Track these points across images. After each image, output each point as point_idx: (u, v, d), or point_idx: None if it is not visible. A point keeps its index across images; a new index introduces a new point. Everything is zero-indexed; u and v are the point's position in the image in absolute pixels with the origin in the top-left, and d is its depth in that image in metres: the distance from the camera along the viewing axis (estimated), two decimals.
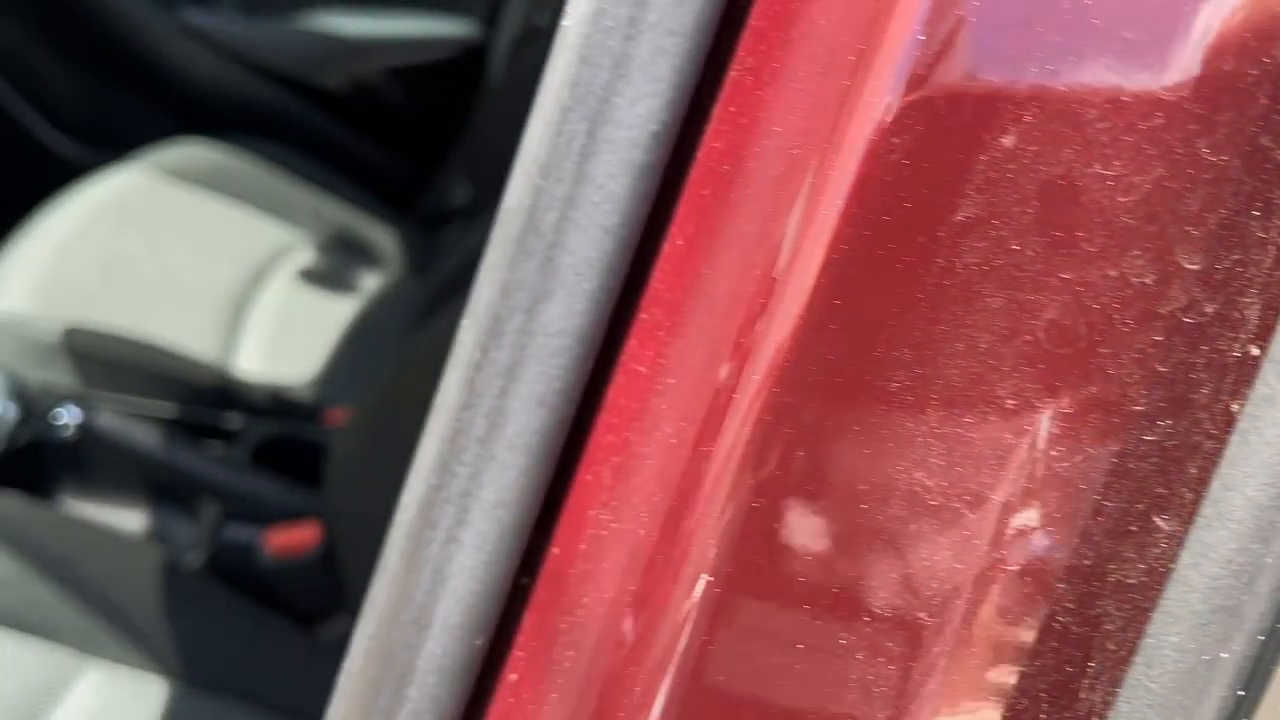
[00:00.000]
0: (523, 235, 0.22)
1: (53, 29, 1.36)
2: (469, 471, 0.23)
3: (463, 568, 0.23)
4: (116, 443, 0.84)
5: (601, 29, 0.21)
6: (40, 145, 1.37)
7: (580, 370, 0.23)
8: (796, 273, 0.20)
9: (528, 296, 0.22)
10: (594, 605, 0.21)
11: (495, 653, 0.23)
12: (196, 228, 1.22)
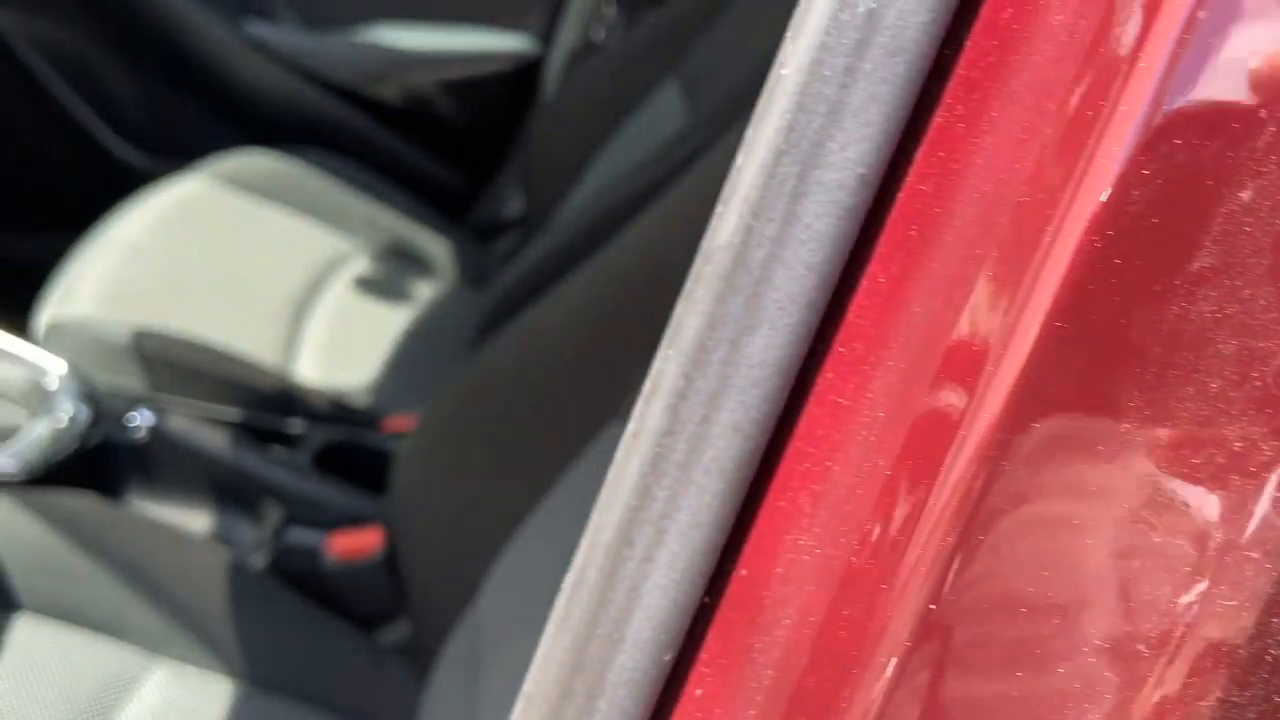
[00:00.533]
0: (731, 271, 0.23)
1: (122, 43, 1.38)
2: (667, 495, 0.24)
3: (657, 586, 0.23)
4: (185, 446, 0.85)
5: (819, 78, 0.22)
6: (109, 155, 1.39)
7: (777, 400, 0.24)
8: (1020, 314, 0.20)
9: (733, 329, 0.23)
10: (798, 628, 0.21)
11: (678, 668, 0.24)
12: (257, 236, 1.23)
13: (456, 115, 1.47)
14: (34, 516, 0.78)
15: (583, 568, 0.24)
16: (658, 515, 0.24)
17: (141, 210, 1.19)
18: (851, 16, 0.22)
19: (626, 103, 1.19)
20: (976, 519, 0.20)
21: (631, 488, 0.24)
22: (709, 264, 0.24)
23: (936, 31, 0.22)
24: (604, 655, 0.24)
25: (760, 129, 0.24)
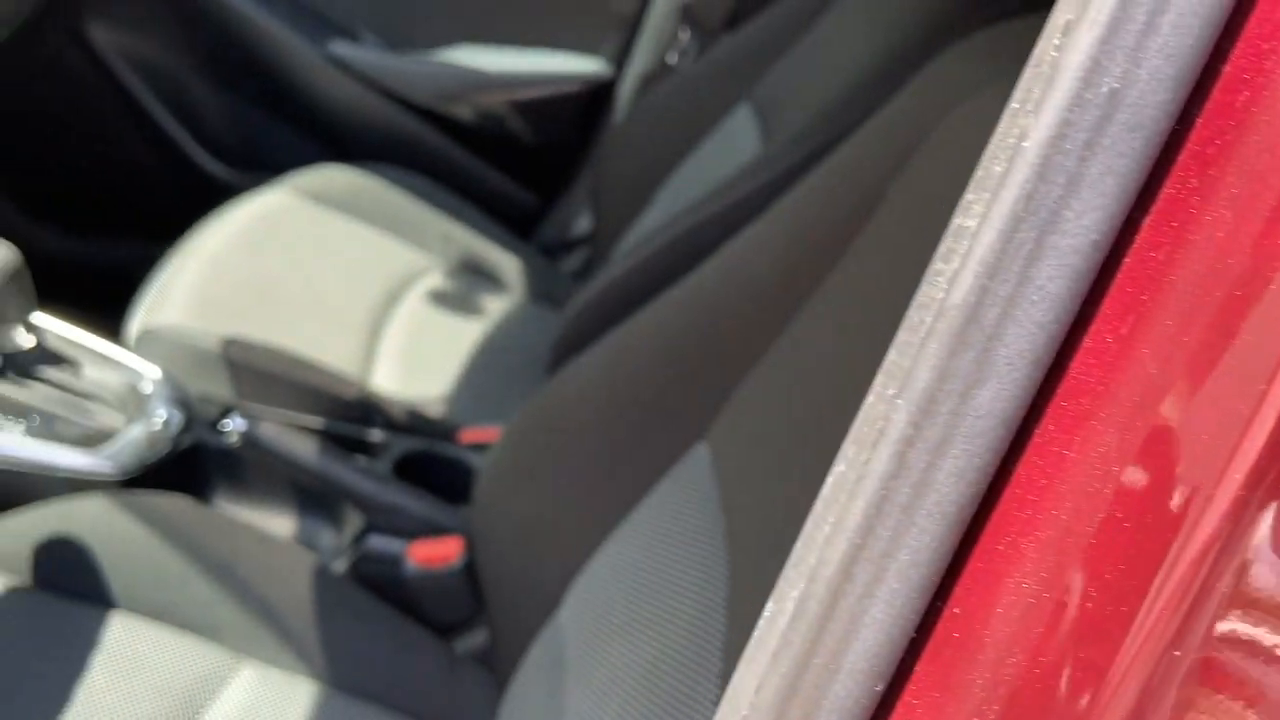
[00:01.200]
0: (964, 328, 0.25)
1: (211, 61, 1.42)
2: (890, 535, 0.25)
3: (874, 620, 0.24)
4: (274, 451, 0.87)
5: (1060, 150, 0.24)
6: (197, 168, 1.42)
7: (999, 450, 0.25)
8: (1266, 387, 0.20)
9: (963, 382, 0.25)
10: (1026, 666, 0.22)
11: (887, 697, 0.25)
12: (337, 249, 1.25)
13: (527, 134, 1.49)
14: (131, 517, 0.80)
15: (802, 599, 0.25)
16: (879, 554, 0.25)
17: (227, 222, 1.22)
18: (1094, 95, 0.23)
19: (698, 126, 1.19)
20: (1213, 564, 0.20)
21: (855, 527, 0.25)
22: (942, 320, 0.25)
23: (1174, 110, 0.23)
24: (820, 683, 0.25)
25: (999, 197, 0.25)
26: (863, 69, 0.85)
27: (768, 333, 0.59)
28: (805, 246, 0.58)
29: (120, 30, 1.38)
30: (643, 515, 0.65)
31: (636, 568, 0.62)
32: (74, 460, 0.86)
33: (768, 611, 0.26)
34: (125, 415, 0.91)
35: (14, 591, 0.75)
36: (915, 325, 0.26)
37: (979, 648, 0.23)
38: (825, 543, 0.25)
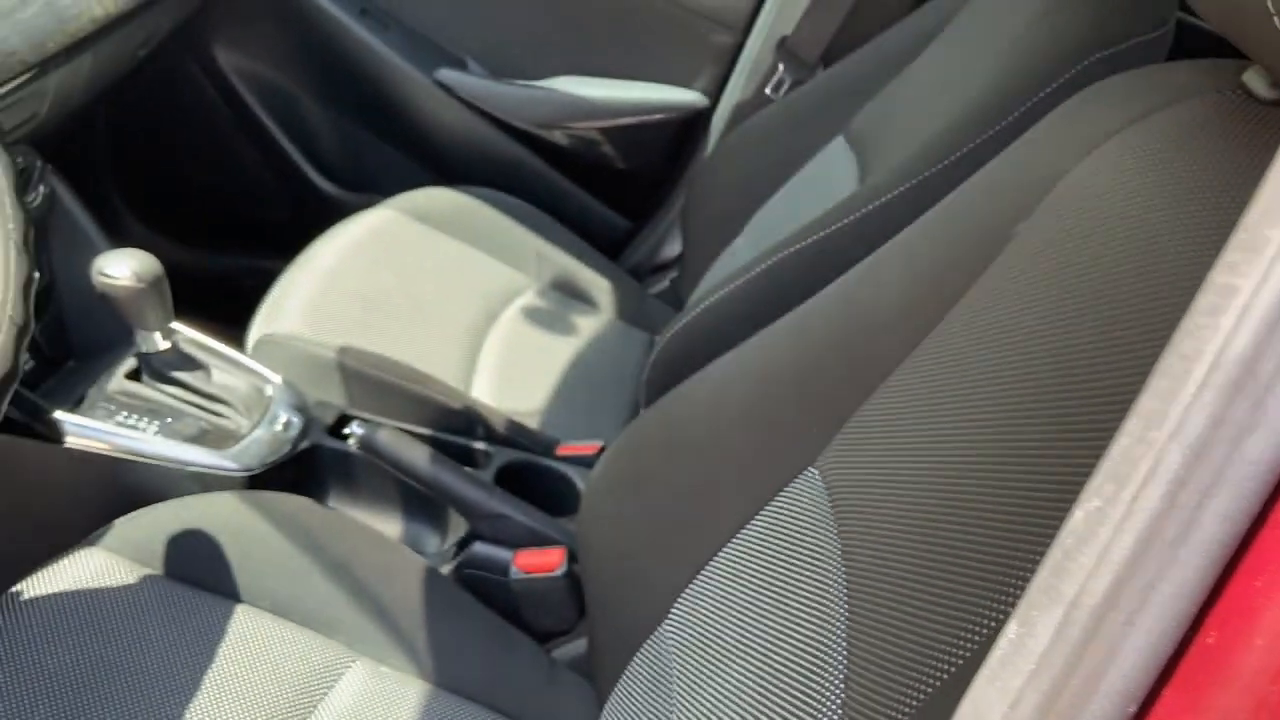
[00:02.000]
0: (1241, 380, 0.26)
1: (326, 86, 1.47)
2: (1156, 568, 0.26)
3: (1134, 647, 0.25)
4: (390, 457, 0.89)
5: None
6: (311, 186, 1.48)
7: (1264, 493, 0.26)
8: None
9: (1236, 429, 0.26)
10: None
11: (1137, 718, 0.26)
12: (439, 266, 1.28)
13: (619, 159, 1.52)
14: (258, 515, 0.83)
15: (1061, 625, 0.26)
16: (1144, 585, 0.26)
17: (338, 238, 1.26)
18: None
19: (792, 158, 1.20)
20: None
21: (1122, 560, 0.26)
22: (1218, 372, 0.27)
23: None
24: (1076, 702, 0.26)
25: (1276, 267, 0.26)
26: (971, 106, 0.86)
27: (884, 365, 0.60)
28: (926, 283, 0.59)
29: (243, 53, 1.44)
30: (751, 536, 0.66)
31: (747, 587, 0.63)
32: (204, 458, 0.90)
33: (1011, 634, 0.27)
34: (249, 418, 0.95)
35: (149, 580, 0.79)
36: (1180, 374, 0.27)
37: (1235, 676, 0.24)
38: (1089, 574, 0.26)
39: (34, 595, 0.75)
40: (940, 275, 0.58)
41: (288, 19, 1.41)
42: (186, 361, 0.94)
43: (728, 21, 1.35)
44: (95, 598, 0.76)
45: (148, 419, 0.91)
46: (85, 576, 0.77)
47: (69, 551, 0.79)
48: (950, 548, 0.47)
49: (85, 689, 0.70)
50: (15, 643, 0.72)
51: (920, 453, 0.52)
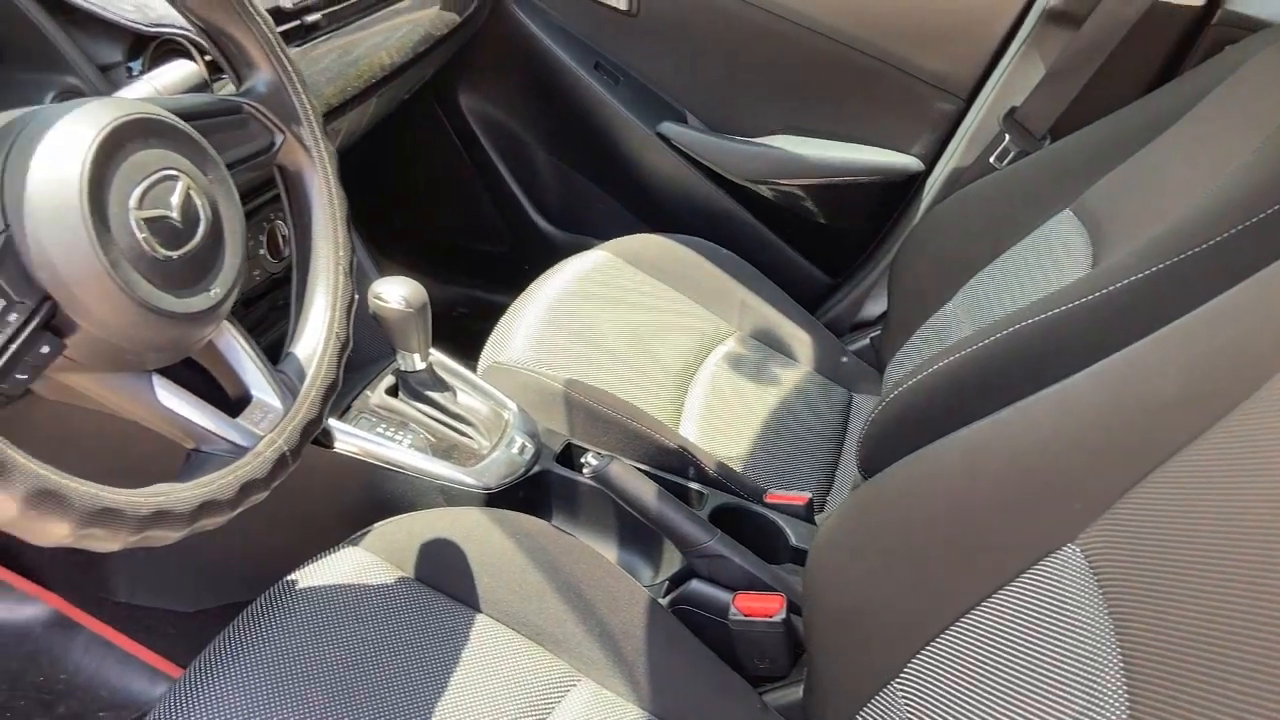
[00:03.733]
0: None
1: (552, 132, 1.56)
2: None
3: None
4: (620, 489, 0.93)
5: None
6: (533, 226, 1.56)
7: None
8: None
9: None
10: None
11: None
12: (651, 308, 1.33)
13: (825, 216, 1.54)
14: (501, 531, 0.88)
15: None
16: None
17: (560, 276, 1.33)
18: None
19: (1013, 227, 1.20)
20: None
21: None
22: None
23: None
24: None
25: None
26: (1229, 191, 0.84)
27: (1162, 449, 0.59)
28: (1213, 371, 0.58)
29: (482, 97, 1.54)
30: (1001, 605, 0.66)
31: (997, 654, 0.63)
32: (450, 472, 0.97)
33: None
34: (489, 439, 1.01)
35: (402, 581, 0.84)
36: None
37: None
38: None
39: (306, 585, 0.82)
40: (1230, 366, 0.58)
41: (527, 69, 1.50)
42: (438, 382, 1.01)
43: (953, 89, 1.35)
44: (355, 593, 0.82)
45: (402, 432, 0.98)
46: (348, 572, 0.84)
47: (336, 548, 0.86)
48: (1255, 637, 0.47)
49: (343, 674, 0.76)
50: (287, 629, 0.79)
51: (1217, 543, 0.52)
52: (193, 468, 0.61)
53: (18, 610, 1.04)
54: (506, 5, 1.45)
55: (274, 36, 0.68)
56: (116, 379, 0.58)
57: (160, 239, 0.56)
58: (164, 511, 0.55)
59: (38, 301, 0.52)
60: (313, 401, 0.67)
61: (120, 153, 0.55)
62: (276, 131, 0.69)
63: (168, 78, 0.70)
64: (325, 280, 0.71)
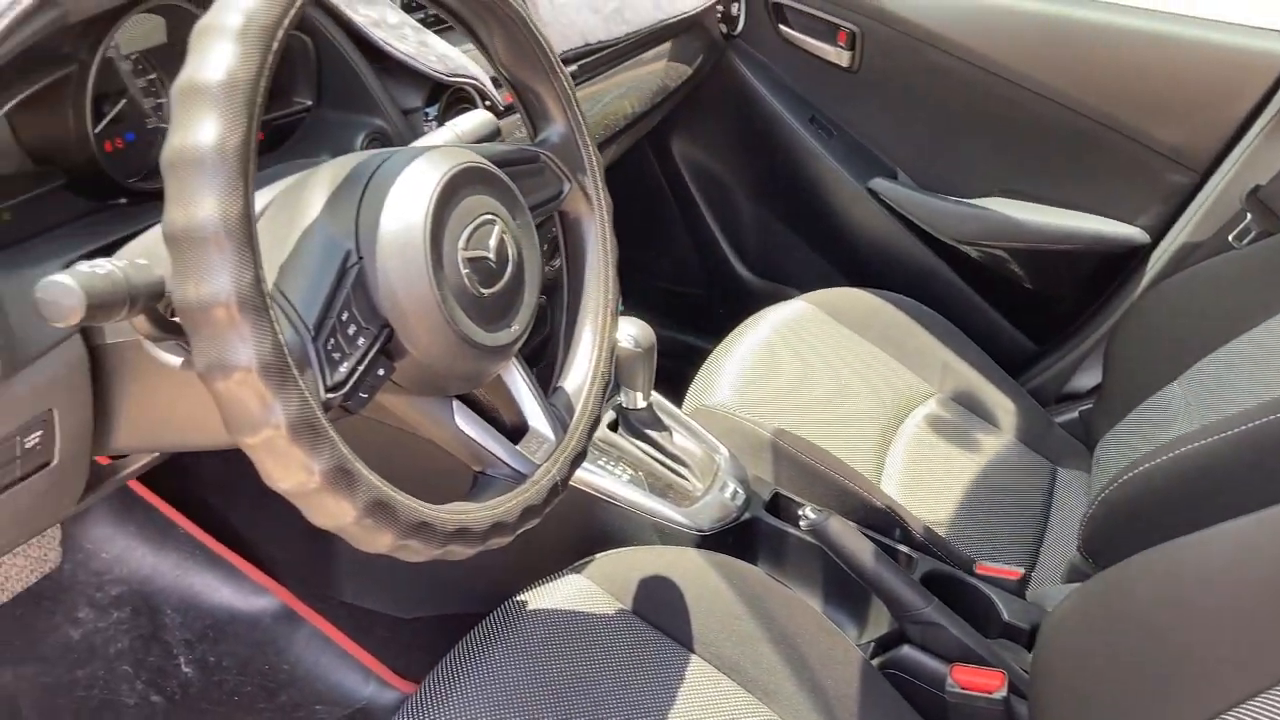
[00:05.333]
0: None
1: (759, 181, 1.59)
2: None
3: None
4: (836, 546, 0.94)
5: None
6: (732, 272, 1.60)
7: None
8: None
9: None
10: None
11: None
12: (851, 363, 1.34)
13: (1028, 279, 1.52)
14: (718, 574, 0.91)
15: None
16: None
17: (763, 324, 1.35)
18: None
19: (1250, 312, 1.15)
20: None
21: None
22: None
23: None
24: None
25: None
26: None
27: None
28: None
29: (694, 143, 1.59)
30: (1266, 709, 0.64)
31: None
32: (667, 511, 1.00)
33: None
34: (703, 482, 1.04)
35: (621, 613, 0.88)
36: None
37: None
38: None
39: (535, 607, 0.86)
40: None
41: (743, 118, 1.54)
42: (656, 421, 1.05)
43: (1190, 162, 1.32)
44: (578, 620, 0.86)
45: (620, 466, 1.02)
46: (572, 599, 0.88)
47: (560, 574, 0.90)
48: None
49: (567, 697, 0.79)
50: (518, 647, 0.83)
51: None
52: (479, 490, 0.66)
53: (250, 601, 1.13)
54: (730, 58, 1.50)
55: (572, 92, 0.74)
56: (424, 402, 0.64)
57: (479, 277, 0.62)
58: (464, 529, 0.60)
59: (379, 328, 0.58)
60: (581, 435, 0.71)
61: (454, 198, 0.61)
62: (565, 180, 0.74)
63: (467, 124, 0.77)
64: (593, 321, 0.76)
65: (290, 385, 0.50)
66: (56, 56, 0.62)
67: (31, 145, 0.64)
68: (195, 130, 0.48)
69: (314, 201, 0.59)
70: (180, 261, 0.48)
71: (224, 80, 0.49)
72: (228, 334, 0.48)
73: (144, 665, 1.08)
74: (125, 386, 0.62)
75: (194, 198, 0.48)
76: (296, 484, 0.52)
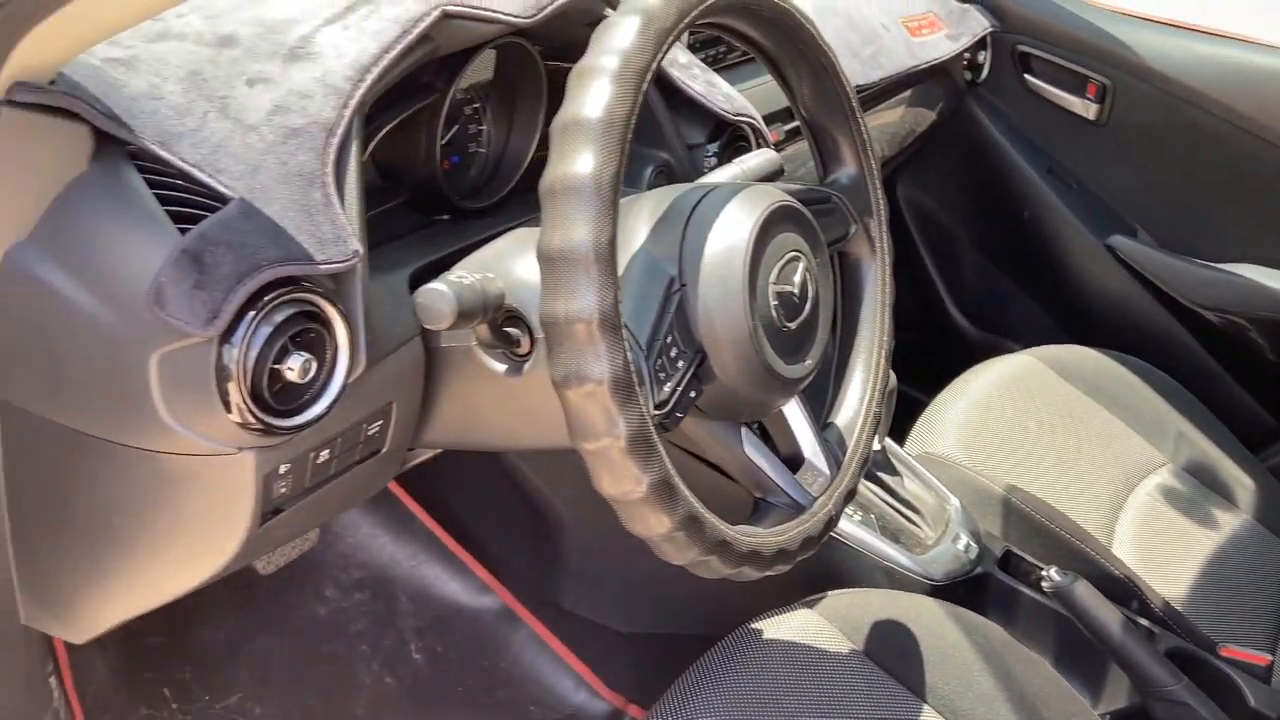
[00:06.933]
0: None
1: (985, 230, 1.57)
2: None
3: None
4: (1082, 612, 0.92)
5: None
6: (949, 319, 1.58)
7: None
8: None
9: None
10: None
11: None
12: (1079, 424, 1.30)
13: (1271, 351, 1.43)
14: (956, 626, 0.90)
15: None
16: None
17: (987, 377, 1.33)
18: None
19: None
20: None
21: None
22: None
23: None
24: None
25: None
26: None
27: None
28: None
29: (919, 187, 1.59)
30: None
31: None
32: (899, 556, 1.00)
33: None
34: (934, 530, 1.03)
35: (853, 653, 0.88)
36: None
37: None
38: None
39: (768, 637, 0.88)
40: None
41: (975, 165, 1.53)
42: (888, 465, 1.05)
43: None
44: (810, 654, 0.87)
45: (853, 508, 1.03)
46: (803, 633, 0.89)
47: (791, 607, 0.91)
48: None
49: None
50: (750, 675, 0.84)
51: None
52: (760, 516, 0.68)
53: (476, 598, 1.20)
54: (969, 104, 1.50)
55: (868, 137, 0.76)
56: (717, 426, 0.67)
57: (784, 311, 0.65)
58: (755, 552, 0.62)
59: (694, 352, 0.62)
60: (854, 472, 0.73)
61: (770, 233, 0.64)
62: (852, 222, 0.76)
63: (753, 162, 0.80)
64: (865, 361, 0.77)
65: (633, 401, 0.54)
66: (420, 86, 0.70)
67: (384, 163, 0.72)
68: (575, 162, 0.53)
69: (639, 230, 0.64)
70: (552, 279, 0.53)
71: (603, 117, 0.53)
72: (586, 349, 0.53)
73: (379, 648, 1.15)
74: (450, 387, 0.68)
75: (570, 223, 0.52)
76: (623, 492, 0.55)
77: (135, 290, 0.53)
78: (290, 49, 0.62)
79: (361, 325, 0.60)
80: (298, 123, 0.59)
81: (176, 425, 0.55)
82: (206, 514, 0.61)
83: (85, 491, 0.61)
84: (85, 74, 0.56)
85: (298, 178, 0.58)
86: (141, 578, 0.65)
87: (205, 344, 0.54)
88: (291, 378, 0.56)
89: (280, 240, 0.56)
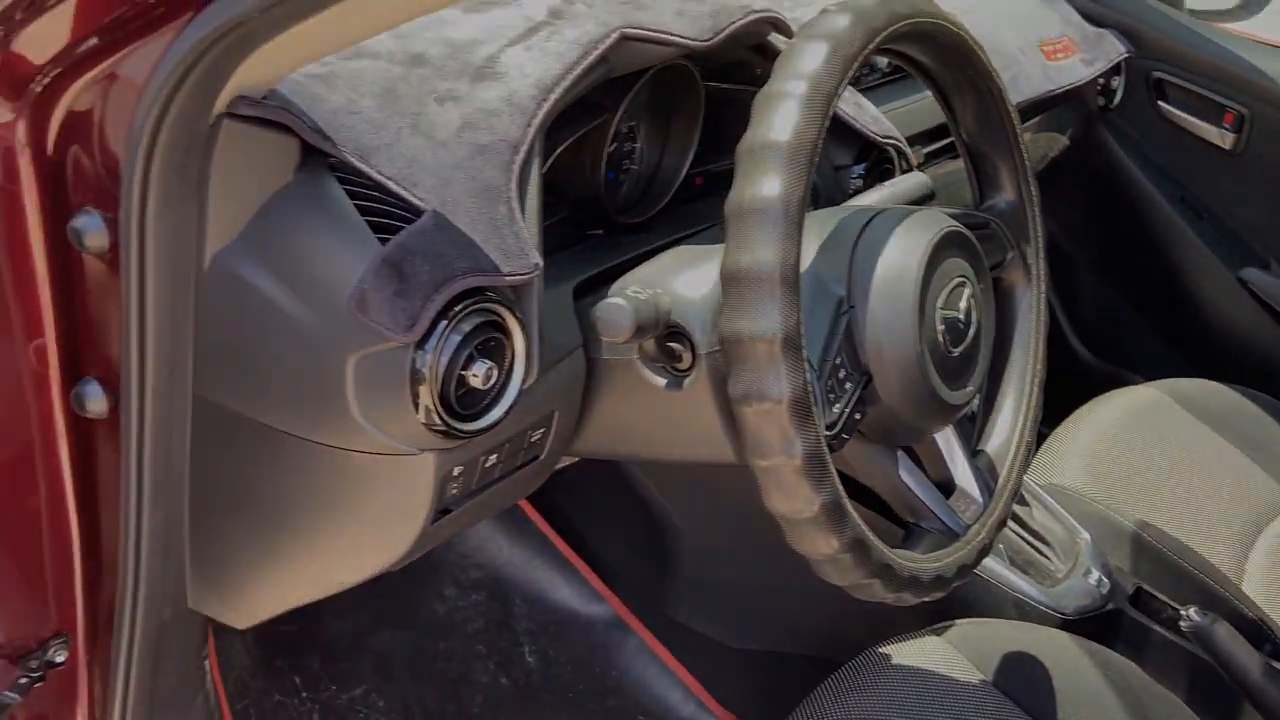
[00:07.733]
0: None
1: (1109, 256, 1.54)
2: None
3: None
4: (1223, 656, 0.90)
5: None
6: (1066, 346, 1.55)
7: None
8: None
9: None
10: None
11: None
12: (1206, 459, 1.26)
13: None
14: (1090, 661, 0.88)
15: None
16: None
17: (1110, 408, 1.30)
18: None
19: None
20: None
21: None
22: None
23: None
24: None
25: None
26: None
27: None
28: None
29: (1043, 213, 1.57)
30: None
31: None
32: (1029, 588, 0.98)
33: None
34: (1064, 564, 1.02)
35: (981, 684, 0.87)
36: None
37: None
38: None
39: (894, 663, 0.88)
40: None
41: (1101, 191, 1.51)
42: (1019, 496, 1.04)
43: None
44: (937, 683, 0.87)
45: None
46: (930, 660, 0.88)
47: (918, 634, 0.91)
48: None
49: None
50: (875, 699, 0.84)
51: None
52: (913, 541, 0.68)
53: (589, 606, 1.21)
54: (1098, 129, 1.47)
55: (1028, 165, 0.76)
56: (874, 449, 0.67)
57: (950, 336, 0.65)
58: (915, 578, 0.62)
59: (860, 374, 0.62)
60: (1007, 501, 0.72)
61: (939, 258, 0.64)
62: (1009, 249, 0.76)
63: (904, 185, 0.81)
64: (1018, 388, 0.77)
65: (810, 421, 0.54)
66: (591, 105, 0.72)
67: (552, 179, 0.74)
68: (763, 184, 0.54)
69: (806, 250, 0.65)
70: (737, 298, 0.54)
71: (791, 141, 0.54)
72: (767, 368, 0.54)
73: (495, 648, 1.18)
74: (608, 398, 0.70)
75: (758, 244, 0.53)
76: (793, 511, 0.56)
77: (337, 295, 0.56)
78: (477, 68, 0.64)
79: (537, 335, 0.62)
80: (485, 139, 0.62)
81: (367, 424, 0.58)
82: (383, 511, 0.63)
83: (269, 483, 0.64)
84: (291, 89, 0.59)
85: (485, 192, 0.60)
86: (312, 569, 0.68)
87: (401, 349, 0.56)
88: (475, 384, 0.58)
89: (471, 252, 0.58)
